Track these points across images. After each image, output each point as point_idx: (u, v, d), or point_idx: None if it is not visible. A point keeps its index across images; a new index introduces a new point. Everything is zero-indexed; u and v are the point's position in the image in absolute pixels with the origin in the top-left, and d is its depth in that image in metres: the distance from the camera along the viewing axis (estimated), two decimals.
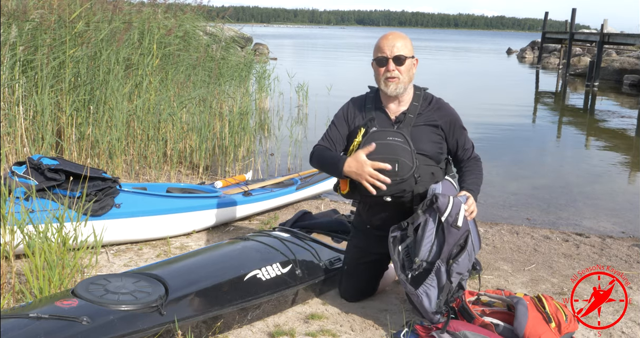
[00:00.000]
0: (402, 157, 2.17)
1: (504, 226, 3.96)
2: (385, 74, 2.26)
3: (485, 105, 11.02)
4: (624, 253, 3.39)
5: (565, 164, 6.48)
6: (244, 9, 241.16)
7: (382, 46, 2.27)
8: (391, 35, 2.31)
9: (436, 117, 2.31)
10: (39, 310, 1.74)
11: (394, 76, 2.25)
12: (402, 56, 2.25)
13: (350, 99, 2.46)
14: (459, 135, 2.35)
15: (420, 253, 2.11)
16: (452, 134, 2.34)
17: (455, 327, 1.99)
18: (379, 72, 2.29)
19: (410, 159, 2.18)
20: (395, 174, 2.17)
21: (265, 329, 2.18)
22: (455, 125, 2.34)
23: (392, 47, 2.25)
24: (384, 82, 2.27)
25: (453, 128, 2.34)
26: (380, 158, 2.17)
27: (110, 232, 2.81)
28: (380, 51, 2.27)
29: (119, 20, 4.93)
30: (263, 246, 2.42)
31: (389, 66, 2.25)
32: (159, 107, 4.63)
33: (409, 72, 2.28)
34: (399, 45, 2.26)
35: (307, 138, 6.87)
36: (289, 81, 8.48)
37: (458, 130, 2.35)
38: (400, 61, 2.25)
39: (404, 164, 2.17)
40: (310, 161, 2.42)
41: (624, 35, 16.26)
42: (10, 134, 3.75)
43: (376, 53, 2.30)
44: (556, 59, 24.94)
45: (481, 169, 2.37)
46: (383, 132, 2.23)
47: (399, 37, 2.30)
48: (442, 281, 2.08)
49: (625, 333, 2.32)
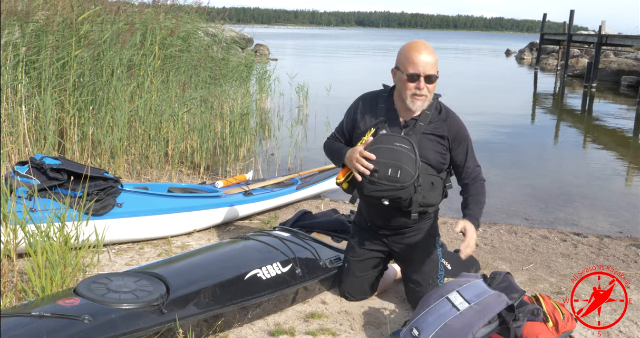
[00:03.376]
0: (406, 164, 2.17)
1: (503, 226, 3.98)
2: (414, 91, 2.21)
3: (484, 106, 11.04)
4: (622, 253, 3.41)
5: (563, 165, 6.50)
6: (245, 10, 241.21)
7: (416, 61, 2.18)
8: (424, 49, 2.20)
9: (444, 127, 2.29)
10: (41, 308, 1.75)
11: (423, 93, 2.20)
12: (434, 76, 2.20)
13: (362, 95, 2.43)
14: (463, 149, 2.31)
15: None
16: (456, 147, 2.30)
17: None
18: (406, 86, 2.21)
19: (413, 167, 2.17)
20: (396, 180, 2.18)
21: (266, 328, 2.20)
22: (461, 138, 2.31)
23: (425, 65, 2.17)
24: (411, 98, 2.22)
25: (459, 141, 2.30)
26: (383, 162, 2.18)
27: (111, 231, 2.82)
28: (413, 67, 2.18)
29: (122, 21, 4.95)
30: (263, 245, 2.44)
31: (419, 83, 2.18)
32: (161, 108, 4.65)
33: (434, 90, 2.26)
34: (431, 62, 2.19)
35: (307, 138, 6.89)
36: (290, 82, 8.50)
37: (464, 144, 2.31)
38: (431, 79, 2.21)
39: (406, 172, 2.17)
40: (323, 149, 2.51)
41: (621, 37, 16.28)
42: (12, 134, 3.77)
43: (406, 65, 2.20)
44: (554, 60, 24.96)
45: (485, 192, 2.33)
46: (391, 136, 2.23)
47: (431, 52, 2.21)
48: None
49: (623, 332, 2.34)
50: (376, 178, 2.19)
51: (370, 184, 2.21)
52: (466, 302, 1.97)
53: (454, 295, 2.00)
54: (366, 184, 2.22)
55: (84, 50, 4.18)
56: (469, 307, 1.95)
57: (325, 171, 4.25)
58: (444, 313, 1.95)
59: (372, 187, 2.21)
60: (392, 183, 2.18)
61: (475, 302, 1.96)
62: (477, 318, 1.91)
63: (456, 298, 1.99)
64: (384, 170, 2.18)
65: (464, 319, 1.92)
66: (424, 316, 1.99)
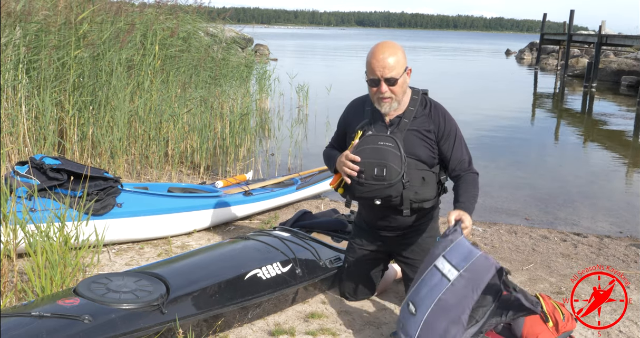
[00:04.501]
0: (391, 162, 2.19)
1: (503, 226, 3.98)
2: (377, 94, 2.23)
3: (484, 106, 11.04)
4: (622, 253, 3.41)
5: (564, 165, 6.50)
6: (245, 10, 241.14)
7: (373, 66, 2.19)
8: (381, 55, 2.18)
9: (430, 122, 2.29)
10: (41, 308, 1.75)
11: (387, 96, 2.22)
12: (392, 78, 2.19)
13: (351, 101, 2.47)
14: (451, 142, 2.29)
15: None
16: (444, 140, 2.29)
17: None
18: (371, 91, 2.26)
19: (399, 164, 2.19)
20: (383, 179, 2.19)
21: (266, 328, 2.20)
22: (448, 131, 2.29)
23: (383, 69, 2.17)
24: (378, 101, 2.25)
25: (446, 134, 2.28)
26: (369, 162, 2.20)
27: (111, 231, 2.82)
28: (372, 73, 2.20)
29: (122, 21, 4.95)
30: (263, 245, 2.44)
31: (381, 87, 2.20)
32: (161, 108, 4.65)
33: (402, 88, 2.24)
34: (390, 64, 2.17)
35: (307, 138, 6.89)
36: (290, 82, 8.50)
37: (451, 137, 2.29)
38: (392, 82, 2.20)
39: (392, 169, 2.18)
40: (323, 158, 2.55)
41: (621, 37, 16.28)
42: (12, 134, 3.77)
43: (368, 72, 2.23)
44: (554, 60, 24.96)
45: (477, 184, 2.29)
46: (375, 136, 2.25)
47: (389, 54, 2.19)
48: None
49: (623, 332, 2.34)
50: (364, 179, 2.21)
51: (359, 185, 2.23)
52: (454, 269, 1.91)
53: (441, 262, 1.95)
54: (356, 186, 2.25)
55: (84, 50, 4.18)
56: (458, 275, 1.89)
57: (325, 171, 4.25)
58: (435, 285, 1.92)
59: (361, 188, 2.24)
60: (380, 182, 2.20)
61: (464, 267, 1.90)
62: (470, 290, 1.87)
63: (444, 266, 1.93)
64: (370, 170, 2.20)
65: (456, 292, 1.88)
66: (417, 288, 1.96)
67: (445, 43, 60.64)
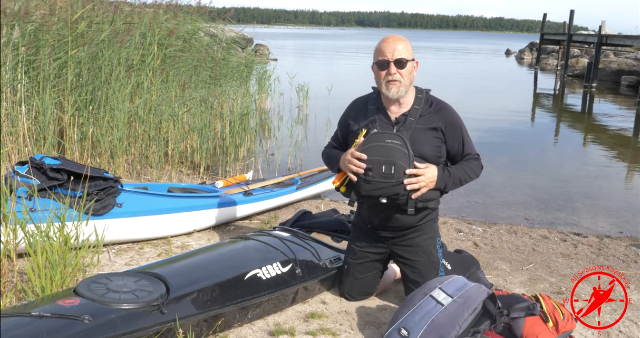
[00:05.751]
0: (399, 160, 2.18)
1: (503, 226, 3.98)
2: (386, 77, 2.27)
3: (484, 106, 11.04)
4: (622, 253, 3.41)
5: (564, 165, 6.50)
6: (245, 10, 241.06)
7: (383, 49, 2.27)
8: (391, 39, 2.30)
9: (436, 119, 2.31)
10: (41, 308, 1.75)
11: (396, 79, 2.25)
12: (403, 59, 2.26)
13: (353, 101, 2.48)
14: (459, 139, 2.33)
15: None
16: (452, 137, 2.32)
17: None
18: (379, 75, 2.29)
19: (407, 162, 2.18)
20: (391, 177, 2.18)
21: (266, 328, 2.20)
22: (456, 128, 2.33)
23: (393, 51, 2.25)
24: (385, 85, 2.28)
25: (454, 131, 2.32)
26: (376, 160, 2.19)
27: (111, 231, 2.82)
28: (381, 54, 2.27)
29: (120, 21, 4.95)
30: (263, 245, 2.44)
31: (390, 69, 2.25)
32: (161, 108, 4.65)
33: (409, 75, 2.29)
34: (400, 48, 2.26)
35: (307, 138, 6.89)
36: (290, 82, 8.50)
37: (459, 134, 2.33)
38: (402, 64, 2.25)
39: (400, 167, 2.18)
40: (322, 158, 2.54)
41: (621, 37, 16.29)
42: (12, 134, 3.77)
43: (377, 56, 2.30)
44: (554, 60, 24.96)
45: (475, 169, 2.35)
46: (382, 134, 2.24)
47: (400, 40, 2.30)
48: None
49: (623, 332, 2.34)
50: (371, 177, 2.20)
51: (366, 183, 2.22)
52: (449, 297, 2.04)
53: (437, 292, 2.07)
54: (362, 184, 2.23)
55: (81, 49, 4.18)
56: (452, 300, 2.02)
57: (325, 171, 4.25)
58: (430, 311, 2.02)
59: (368, 186, 2.22)
60: (387, 179, 2.19)
61: (458, 295, 2.04)
62: (462, 310, 1.99)
63: (439, 295, 2.06)
64: (378, 168, 2.19)
65: (449, 313, 1.99)
66: (411, 315, 2.04)
67: (446, 43, 60.65)
